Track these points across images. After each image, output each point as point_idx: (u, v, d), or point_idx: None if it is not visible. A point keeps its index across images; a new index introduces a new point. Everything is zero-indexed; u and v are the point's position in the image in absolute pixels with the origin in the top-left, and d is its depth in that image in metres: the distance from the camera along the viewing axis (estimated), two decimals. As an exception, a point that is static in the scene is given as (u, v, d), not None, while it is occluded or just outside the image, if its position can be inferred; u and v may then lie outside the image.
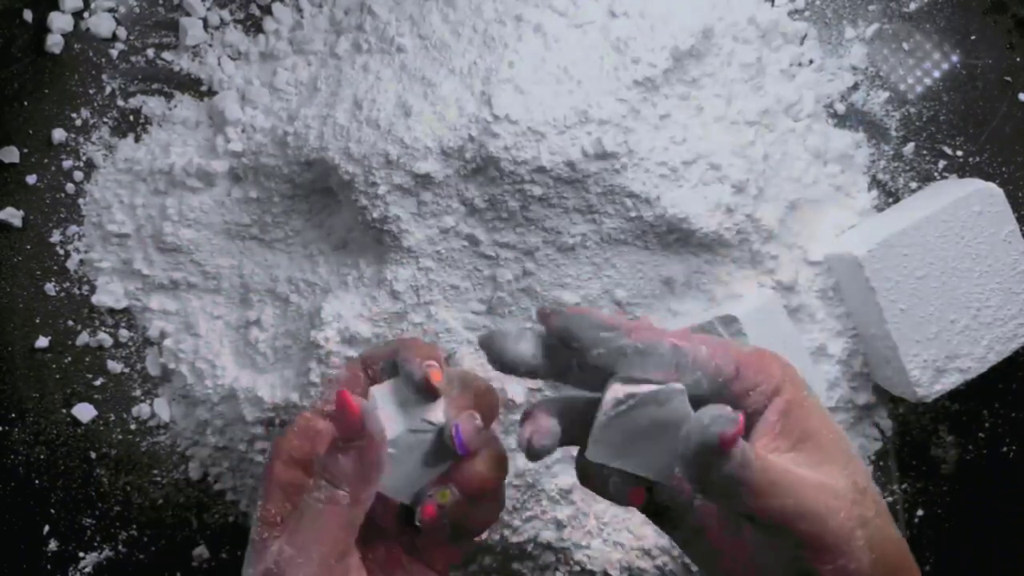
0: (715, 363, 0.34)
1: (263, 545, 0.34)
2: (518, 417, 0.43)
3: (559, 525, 0.55)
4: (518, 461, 0.53)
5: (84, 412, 0.57)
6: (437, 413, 0.35)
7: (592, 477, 0.36)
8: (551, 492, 0.54)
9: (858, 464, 0.35)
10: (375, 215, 0.50)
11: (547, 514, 0.55)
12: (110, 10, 0.58)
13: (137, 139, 0.58)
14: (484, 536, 0.53)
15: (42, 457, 0.57)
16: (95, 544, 0.58)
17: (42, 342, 0.57)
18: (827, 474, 0.34)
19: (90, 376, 0.58)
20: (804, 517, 0.32)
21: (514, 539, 0.54)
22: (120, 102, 0.58)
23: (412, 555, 0.38)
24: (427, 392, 0.35)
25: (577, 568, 0.56)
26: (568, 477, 0.54)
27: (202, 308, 0.58)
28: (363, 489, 0.34)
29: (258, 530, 0.35)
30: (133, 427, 0.58)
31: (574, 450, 0.51)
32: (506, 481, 0.38)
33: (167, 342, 0.58)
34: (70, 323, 0.58)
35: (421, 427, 0.35)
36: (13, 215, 0.56)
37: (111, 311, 0.58)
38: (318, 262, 0.55)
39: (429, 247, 0.51)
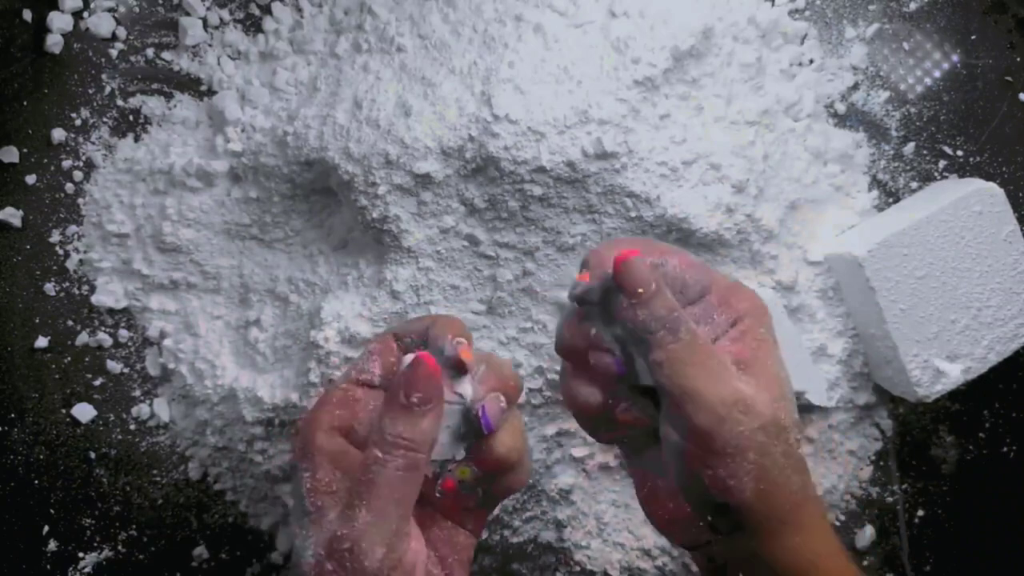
0: (684, 278, 0.37)
1: (321, 514, 0.35)
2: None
3: (559, 525, 0.55)
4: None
5: (84, 412, 0.57)
6: (465, 387, 0.37)
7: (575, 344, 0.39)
8: (551, 493, 0.54)
9: (789, 405, 0.36)
10: (375, 215, 0.50)
11: (547, 515, 0.55)
12: (110, 10, 0.58)
13: (137, 139, 0.58)
14: (484, 536, 0.53)
15: (42, 457, 0.57)
16: (95, 544, 0.58)
17: (42, 342, 0.57)
18: (751, 393, 0.35)
19: (90, 376, 0.58)
20: (703, 409, 0.34)
21: (514, 540, 0.54)
22: (120, 102, 0.58)
23: (444, 514, 0.40)
24: (457, 368, 0.37)
25: (577, 568, 0.56)
26: (568, 478, 0.54)
27: (202, 308, 0.57)
28: (430, 451, 0.35)
29: (312, 501, 0.35)
30: (133, 427, 0.58)
31: (575, 451, 0.51)
32: (531, 449, 0.40)
33: (167, 342, 0.58)
34: (70, 323, 0.58)
35: (451, 399, 0.37)
36: (13, 215, 0.56)
37: (111, 311, 0.58)
38: (318, 262, 0.55)
39: (429, 247, 0.51)
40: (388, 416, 0.35)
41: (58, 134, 0.57)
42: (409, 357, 0.37)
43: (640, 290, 0.36)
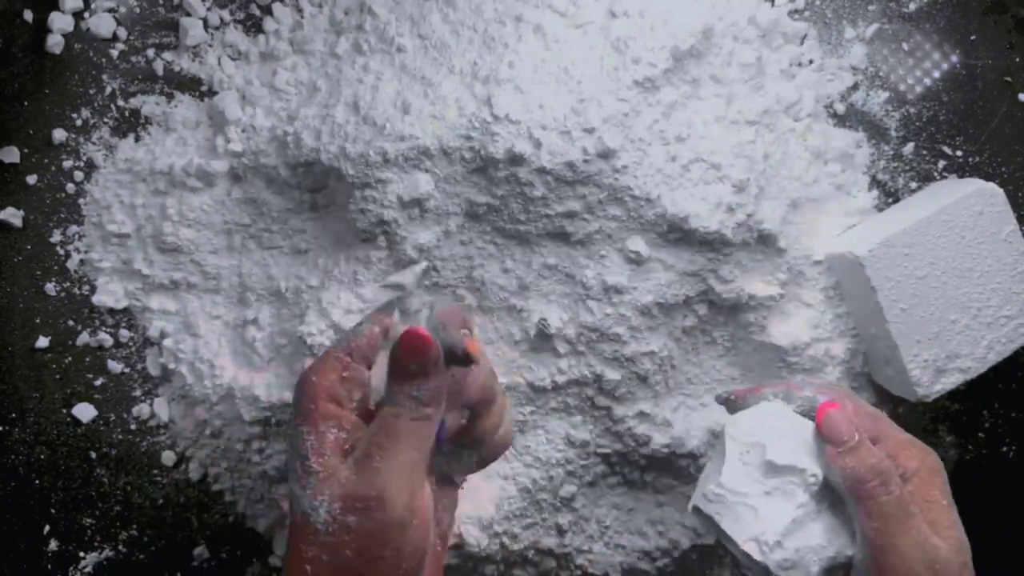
0: (856, 423, 0.41)
1: (331, 472, 0.36)
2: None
3: (560, 531, 0.55)
4: (520, 478, 0.54)
5: (84, 412, 0.57)
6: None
7: None
8: (552, 500, 0.54)
9: (971, 574, 0.39)
10: (373, 215, 0.50)
11: (547, 521, 0.55)
12: (110, 10, 0.58)
13: (137, 139, 0.58)
14: (484, 543, 0.53)
15: (42, 457, 0.57)
16: (95, 544, 0.58)
17: (42, 342, 0.57)
18: (946, 556, 0.38)
19: (90, 376, 0.58)
20: (904, 567, 0.38)
21: (515, 547, 0.54)
22: (120, 102, 0.58)
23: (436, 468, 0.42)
24: (465, 361, 0.39)
25: (579, 572, 0.56)
26: (570, 486, 0.54)
27: (202, 308, 0.58)
28: (441, 404, 0.38)
29: (320, 461, 0.37)
30: (133, 427, 0.58)
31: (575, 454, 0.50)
32: (508, 407, 0.43)
33: (167, 342, 0.58)
34: (70, 323, 0.58)
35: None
36: (13, 215, 0.56)
37: (111, 311, 0.58)
38: (316, 262, 0.55)
39: (427, 247, 0.51)
40: (396, 380, 0.37)
41: (59, 134, 0.57)
42: (401, 328, 0.39)
43: (845, 438, 0.39)
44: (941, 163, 0.60)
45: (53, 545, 0.57)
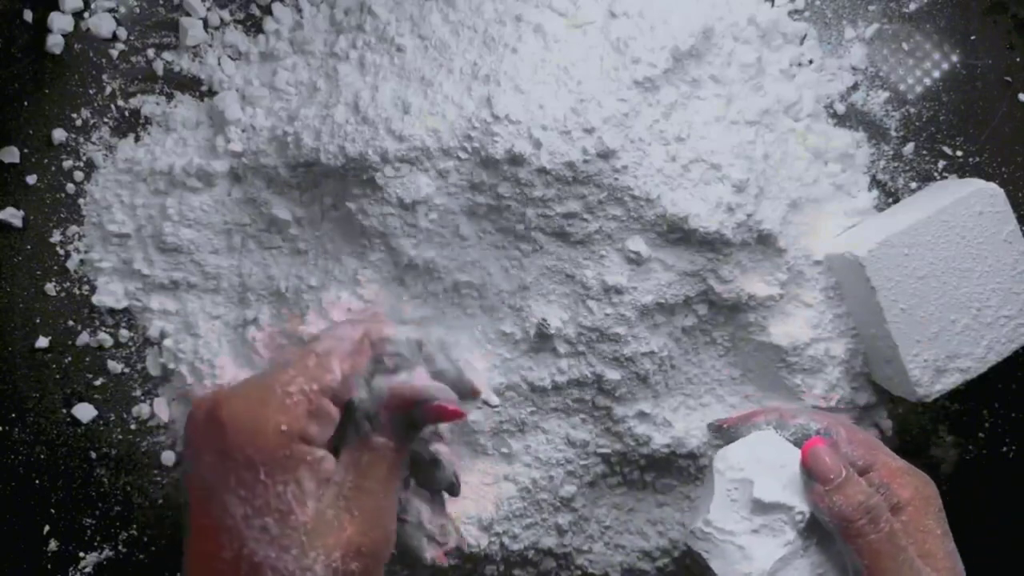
0: (849, 452, 0.41)
1: (320, 522, 0.33)
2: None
3: (560, 531, 0.55)
4: (520, 478, 0.54)
5: (84, 412, 0.57)
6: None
7: None
8: (552, 500, 0.54)
9: None
10: (374, 215, 0.50)
11: (547, 521, 0.54)
12: (110, 10, 0.58)
13: (137, 139, 0.58)
14: (484, 544, 0.53)
15: (42, 457, 0.57)
16: (95, 544, 0.58)
17: (42, 342, 0.57)
18: None
19: (90, 376, 0.58)
20: None
21: (514, 547, 0.54)
22: (120, 102, 0.58)
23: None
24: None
25: (579, 572, 0.56)
26: (570, 486, 0.54)
27: (202, 308, 0.58)
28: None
29: (305, 512, 0.33)
30: (133, 427, 0.58)
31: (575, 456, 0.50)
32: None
33: (167, 342, 0.58)
34: (70, 323, 0.58)
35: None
36: (13, 215, 0.56)
37: (111, 311, 0.58)
38: (316, 262, 0.55)
39: (428, 247, 0.51)
40: (398, 422, 0.36)
41: (59, 134, 0.57)
42: (406, 382, 0.38)
43: (832, 476, 0.39)
44: (941, 163, 0.60)
45: (53, 545, 0.57)
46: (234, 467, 0.33)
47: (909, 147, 0.59)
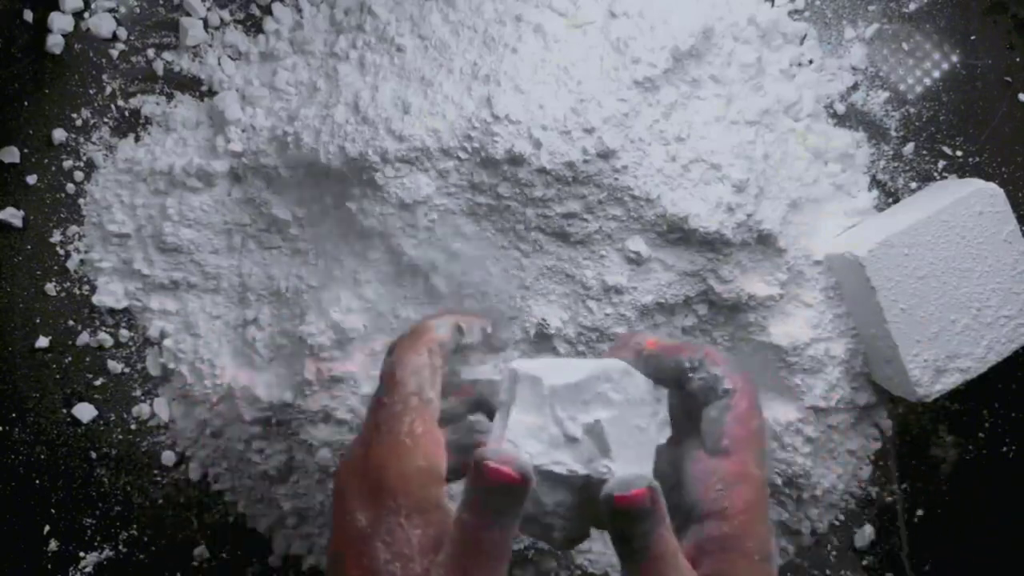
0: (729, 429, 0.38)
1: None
2: None
3: (560, 528, 0.55)
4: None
5: (84, 412, 0.57)
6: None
7: None
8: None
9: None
10: (374, 215, 0.50)
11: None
12: (110, 10, 0.58)
13: (137, 139, 0.58)
14: None
15: (43, 457, 0.57)
16: (95, 544, 0.58)
17: (42, 342, 0.57)
18: None
19: (90, 376, 0.58)
20: None
21: (514, 547, 0.54)
22: (120, 102, 0.58)
23: None
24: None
25: (579, 572, 0.56)
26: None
27: (202, 308, 0.58)
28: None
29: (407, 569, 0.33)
30: (133, 427, 0.58)
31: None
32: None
33: (167, 342, 0.58)
34: (70, 323, 0.58)
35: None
36: (13, 215, 0.56)
37: (111, 311, 0.58)
38: (316, 262, 0.55)
39: (428, 247, 0.51)
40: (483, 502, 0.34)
41: (59, 134, 0.57)
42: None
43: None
44: (941, 163, 0.60)
45: (53, 545, 0.57)
46: (385, 514, 0.34)
47: (909, 147, 0.59)
